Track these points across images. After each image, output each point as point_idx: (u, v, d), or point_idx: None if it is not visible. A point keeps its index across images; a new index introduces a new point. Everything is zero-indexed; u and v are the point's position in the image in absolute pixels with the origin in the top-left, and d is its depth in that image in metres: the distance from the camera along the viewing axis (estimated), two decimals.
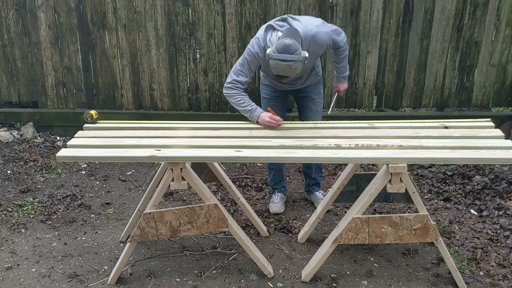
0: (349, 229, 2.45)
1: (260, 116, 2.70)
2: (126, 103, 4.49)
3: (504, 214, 3.20)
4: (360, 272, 2.71)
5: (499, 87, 4.19)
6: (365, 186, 2.60)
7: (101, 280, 2.66)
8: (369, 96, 4.29)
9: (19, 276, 2.71)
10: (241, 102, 2.76)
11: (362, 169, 3.95)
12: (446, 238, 3.00)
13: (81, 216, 3.35)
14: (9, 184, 3.72)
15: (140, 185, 3.82)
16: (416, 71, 4.17)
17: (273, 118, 2.66)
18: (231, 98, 2.79)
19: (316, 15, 4.04)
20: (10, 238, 3.06)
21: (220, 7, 4.11)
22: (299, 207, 3.43)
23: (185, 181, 2.42)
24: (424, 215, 2.41)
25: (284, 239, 3.05)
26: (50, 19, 4.29)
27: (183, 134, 2.65)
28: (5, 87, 4.53)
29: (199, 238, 3.07)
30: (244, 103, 2.76)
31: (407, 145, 2.40)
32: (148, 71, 4.36)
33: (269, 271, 2.67)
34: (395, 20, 4.05)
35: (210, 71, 4.30)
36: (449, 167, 3.83)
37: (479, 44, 4.06)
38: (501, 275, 2.66)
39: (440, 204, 3.41)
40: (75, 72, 4.44)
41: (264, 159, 2.40)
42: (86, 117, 2.75)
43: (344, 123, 2.73)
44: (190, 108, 4.45)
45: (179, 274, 2.70)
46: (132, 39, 4.27)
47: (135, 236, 2.53)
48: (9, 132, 4.48)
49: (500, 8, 3.95)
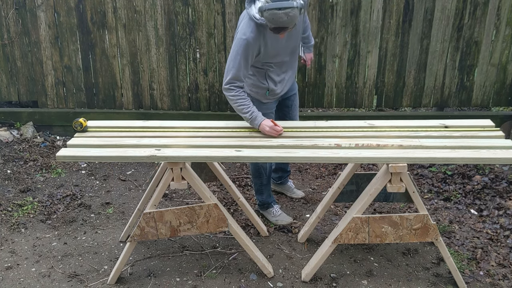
0: (349, 229, 2.45)
1: (261, 124, 2.60)
2: (126, 102, 4.49)
3: (504, 213, 3.20)
4: (360, 271, 2.71)
5: (499, 86, 4.19)
6: (365, 185, 2.60)
7: (101, 280, 2.66)
8: (369, 95, 4.28)
9: (19, 275, 2.71)
10: (242, 107, 2.65)
11: (362, 168, 3.95)
12: (446, 238, 2.99)
13: (81, 215, 3.35)
14: (9, 184, 3.72)
15: (140, 185, 3.82)
16: (416, 70, 4.17)
17: (274, 128, 2.57)
18: (232, 101, 2.69)
19: (316, 14, 4.04)
20: (10, 238, 3.06)
21: (220, 7, 4.10)
22: (299, 207, 3.43)
23: (185, 180, 2.42)
24: (424, 214, 2.41)
25: (284, 239, 3.05)
26: (50, 18, 4.28)
27: (183, 134, 2.64)
28: (5, 86, 4.53)
29: (199, 237, 3.07)
30: (245, 108, 2.65)
31: (407, 145, 2.40)
32: (148, 71, 4.36)
33: (269, 270, 2.67)
34: (395, 20, 4.04)
35: (210, 71, 4.30)
36: (449, 166, 3.83)
37: (479, 43, 4.06)
38: (501, 275, 2.66)
39: (440, 203, 3.41)
40: (75, 71, 4.43)
41: (264, 159, 2.40)
42: (76, 126, 2.67)
43: (344, 123, 2.73)
44: (190, 107, 4.45)
45: (179, 274, 2.70)
46: (132, 38, 4.26)
47: (135, 235, 2.53)
48: (9, 131, 4.48)
49: (500, 7, 3.94)
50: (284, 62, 2.84)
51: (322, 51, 4.15)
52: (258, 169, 3.11)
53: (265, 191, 3.20)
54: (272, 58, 2.76)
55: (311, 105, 4.37)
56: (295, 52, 2.90)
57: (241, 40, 2.59)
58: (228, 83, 2.66)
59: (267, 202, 3.23)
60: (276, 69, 2.83)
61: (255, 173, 3.14)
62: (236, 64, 2.62)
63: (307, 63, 3.24)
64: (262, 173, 3.12)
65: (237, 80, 2.65)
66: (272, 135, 2.58)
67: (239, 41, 2.60)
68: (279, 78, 2.87)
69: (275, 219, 3.20)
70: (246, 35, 2.58)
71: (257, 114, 2.64)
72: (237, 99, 2.66)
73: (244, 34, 2.59)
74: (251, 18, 2.58)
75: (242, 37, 2.59)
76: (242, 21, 2.68)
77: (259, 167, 3.11)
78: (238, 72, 2.63)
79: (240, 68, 2.62)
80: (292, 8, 2.38)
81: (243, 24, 2.63)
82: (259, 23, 2.55)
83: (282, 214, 3.23)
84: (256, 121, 2.62)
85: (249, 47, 2.60)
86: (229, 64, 2.65)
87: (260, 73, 2.83)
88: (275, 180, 3.52)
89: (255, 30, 2.58)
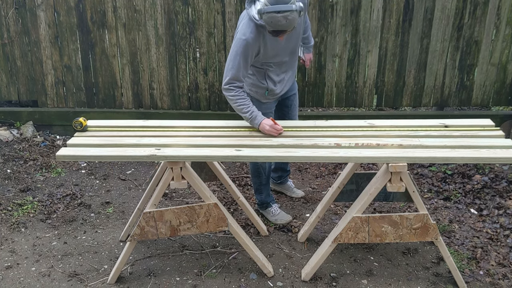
0: (349, 228, 2.45)
1: (261, 123, 2.60)
2: (126, 102, 4.48)
3: (504, 213, 3.20)
4: (360, 271, 2.71)
5: (499, 86, 4.19)
6: (365, 185, 2.60)
7: (101, 279, 2.66)
8: (369, 95, 4.28)
9: (19, 275, 2.71)
10: (241, 107, 2.65)
11: (362, 168, 3.95)
12: (446, 237, 2.99)
13: (81, 215, 3.34)
14: (9, 183, 3.72)
15: (140, 184, 3.82)
16: (416, 70, 4.17)
17: (274, 127, 2.57)
18: (231, 101, 2.68)
19: (316, 14, 4.04)
20: (10, 237, 3.06)
21: (220, 6, 4.10)
22: (299, 207, 3.43)
23: (185, 180, 2.42)
24: (424, 214, 2.41)
25: (284, 238, 3.05)
26: (49, 18, 4.28)
27: (183, 133, 2.64)
28: (4, 86, 4.52)
29: (199, 237, 3.07)
30: (244, 108, 2.65)
31: (407, 144, 2.40)
32: (148, 70, 4.35)
33: (269, 270, 2.67)
34: (395, 19, 4.04)
35: (210, 70, 4.30)
36: (449, 166, 3.82)
37: (479, 43, 4.06)
38: (501, 274, 2.66)
39: (440, 203, 3.41)
40: (75, 71, 4.43)
41: (264, 158, 2.40)
42: (76, 125, 2.65)
43: (344, 122, 2.73)
44: (190, 107, 4.45)
45: (179, 273, 2.70)
46: (132, 38, 4.26)
47: (135, 235, 2.53)
48: (8, 131, 4.47)
49: (500, 7, 3.94)
50: (284, 62, 2.84)
51: (322, 50, 4.15)
52: (257, 168, 3.11)
53: (264, 190, 3.20)
54: (272, 58, 2.76)
55: (311, 104, 4.37)
56: (295, 53, 2.90)
57: (240, 41, 2.58)
58: (228, 83, 2.66)
59: (266, 202, 3.23)
60: (276, 69, 2.83)
61: (254, 172, 3.14)
62: (235, 64, 2.61)
63: (306, 64, 3.24)
64: (261, 172, 3.12)
65: (236, 80, 2.65)
66: (272, 134, 2.58)
67: (239, 41, 2.59)
68: (278, 78, 2.87)
69: (274, 219, 3.20)
70: (245, 36, 2.57)
71: (257, 114, 2.64)
72: (237, 99, 2.66)
73: (244, 34, 2.58)
74: (251, 19, 2.58)
75: (242, 38, 2.58)
76: (242, 21, 2.68)
77: (258, 166, 3.11)
78: (238, 72, 2.62)
79: (240, 68, 2.62)
80: (291, 12, 2.37)
81: (243, 25, 2.62)
82: (258, 23, 2.55)
83: (281, 213, 3.23)
84: (256, 121, 2.62)
85: (248, 48, 2.59)
86: (229, 64, 2.64)
87: (260, 73, 2.83)
88: (275, 180, 3.52)
89: (255, 31, 2.58)
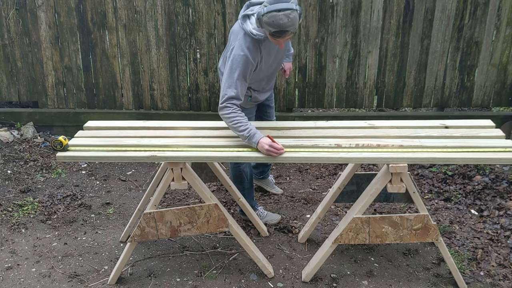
0: (350, 229, 2.45)
1: (259, 142, 2.39)
2: (126, 103, 4.49)
3: (504, 214, 3.20)
4: (360, 272, 2.71)
5: (499, 87, 4.19)
6: (365, 186, 2.60)
7: (101, 280, 2.66)
8: (369, 96, 4.28)
9: (19, 276, 2.70)
10: (238, 124, 2.44)
11: (362, 169, 3.95)
12: (447, 238, 2.99)
13: (81, 216, 3.34)
14: (9, 184, 3.72)
15: (140, 185, 3.82)
16: (417, 71, 4.17)
17: (273, 146, 2.36)
18: (228, 119, 2.48)
19: (316, 14, 4.04)
20: (10, 238, 3.06)
21: (221, 7, 4.10)
22: (299, 207, 3.43)
23: (185, 181, 2.42)
24: (424, 215, 2.41)
25: (284, 239, 3.04)
26: (50, 18, 4.29)
27: (184, 134, 2.64)
28: (5, 86, 4.53)
29: (199, 238, 3.06)
30: (242, 126, 2.44)
31: (407, 145, 2.40)
32: (148, 71, 4.36)
33: (269, 271, 2.67)
34: (395, 20, 4.04)
35: (210, 71, 4.30)
36: (449, 167, 3.82)
37: (480, 44, 4.06)
38: (501, 275, 2.66)
39: (440, 204, 3.41)
40: (75, 71, 4.43)
41: (264, 159, 2.40)
42: (55, 144, 2.39)
43: (344, 123, 2.73)
44: (190, 108, 4.45)
45: (179, 274, 2.70)
46: (132, 39, 4.26)
47: (135, 236, 2.53)
48: (9, 132, 4.48)
49: (501, 8, 3.94)
50: (270, 74, 2.84)
51: (322, 51, 4.15)
52: (239, 174, 3.05)
53: (247, 195, 3.13)
54: (264, 73, 2.73)
55: (311, 105, 4.37)
56: (280, 64, 2.87)
57: (239, 57, 2.47)
58: (226, 101, 2.49)
59: (251, 206, 3.14)
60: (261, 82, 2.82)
61: (236, 178, 3.07)
62: (234, 82, 2.48)
63: (286, 73, 3.13)
64: (244, 177, 3.06)
65: (235, 99, 2.50)
66: (271, 155, 2.38)
67: (238, 58, 2.47)
68: (260, 87, 2.85)
69: (263, 221, 3.16)
70: (244, 52, 2.47)
71: (255, 132, 2.43)
72: (235, 116, 2.47)
73: (242, 50, 2.48)
74: (247, 34, 2.50)
75: (240, 53, 2.47)
76: (237, 37, 2.54)
77: (241, 171, 3.04)
78: (237, 90, 2.49)
79: (239, 86, 2.49)
80: (292, 10, 2.31)
81: (240, 41, 2.51)
82: (256, 38, 2.49)
83: (268, 214, 3.21)
84: (254, 139, 2.41)
85: (248, 63, 2.49)
86: (226, 82, 2.50)
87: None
88: (257, 175, 3.53)
89: (252, 46, 2.49)
